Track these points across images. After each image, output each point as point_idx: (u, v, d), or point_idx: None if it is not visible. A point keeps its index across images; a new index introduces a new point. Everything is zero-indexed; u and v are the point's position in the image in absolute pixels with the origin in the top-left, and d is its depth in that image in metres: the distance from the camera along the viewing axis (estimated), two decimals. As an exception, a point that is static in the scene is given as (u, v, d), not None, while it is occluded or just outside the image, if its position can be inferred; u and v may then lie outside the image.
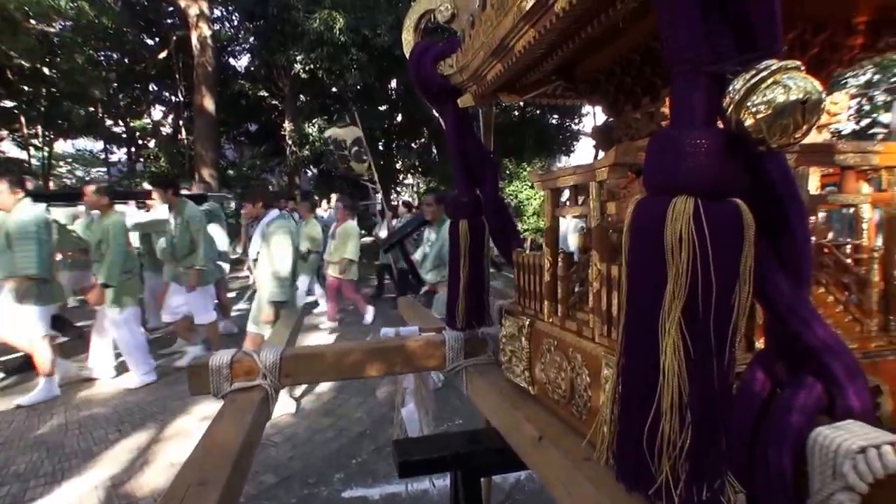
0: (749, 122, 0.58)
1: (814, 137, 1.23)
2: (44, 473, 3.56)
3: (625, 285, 0.74)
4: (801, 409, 0.64)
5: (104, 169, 19.99)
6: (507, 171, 18.62)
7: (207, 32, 14.46)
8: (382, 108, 19.03)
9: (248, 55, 20.22)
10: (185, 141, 18.08)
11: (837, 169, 1.07)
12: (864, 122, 18.95)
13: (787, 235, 0.66)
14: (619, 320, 0.77)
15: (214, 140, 15.74)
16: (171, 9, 17.03)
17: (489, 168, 1.76)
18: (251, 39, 18.25)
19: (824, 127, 1.24)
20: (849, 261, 1.13)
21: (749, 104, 0.58)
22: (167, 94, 20.25)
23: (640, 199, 0.71)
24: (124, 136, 20.25)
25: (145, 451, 3.85)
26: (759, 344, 0.91)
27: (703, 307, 0.62)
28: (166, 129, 20.46)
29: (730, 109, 0.60)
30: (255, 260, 4.79)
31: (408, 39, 1.76)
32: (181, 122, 18.93)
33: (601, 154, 1.48)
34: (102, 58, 17.24)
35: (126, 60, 17.62)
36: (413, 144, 21.36)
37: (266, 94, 19.10)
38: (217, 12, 17.89)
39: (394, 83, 18.19)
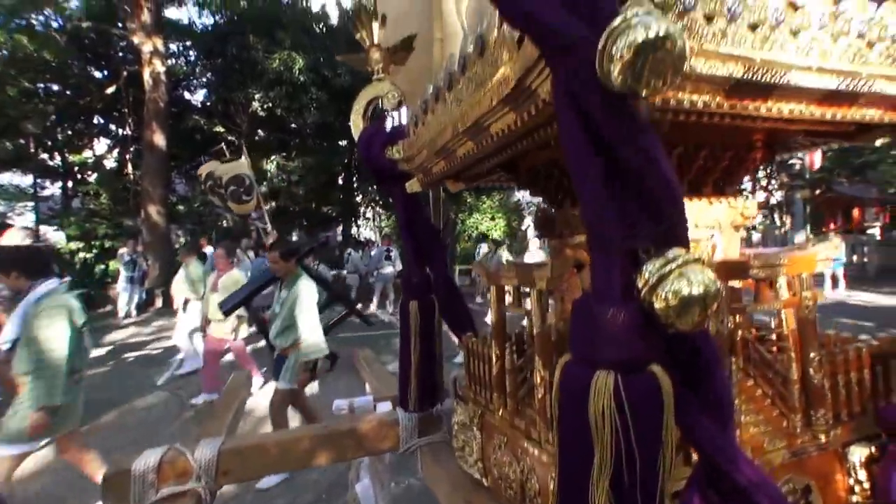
0: (660, 306, 0.64)
1: (731, 235, 1.34)
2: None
3: (557, 436, 0.78)
4: None
5: (31, 203, 18.91)
6: (468, 203, 18.88)
7: (161, 68, 14.26)
8: (343, 143, 19.12)
9: (205, 90, 20.02)
10: (132, 176, 17.52)
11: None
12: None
13: (706, 384, 0.72)
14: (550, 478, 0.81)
15: (164, 175, 15.34)
16: (122, 43, 16.74)
17: (438, 246, 1.81)
18: (208, 75, 18.14)
19: (741, 226, 1.35)
20: (771, 355, 1.22)
21: (660, 290, 0.64)
22: (114, 127, 19.55)
23: (567, 363, 0.76)
24: (60, 170, 19.19)
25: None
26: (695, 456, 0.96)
27: (629, 475, 0.66)
28: (110, 164, 19.73)
29: (644, 290, 0.66)
30: None
31: (356, 123, 1.81)
32: (128, 157, 18.34)
33: (535, 247, 1.55)
34: (41, 90, 16.61)
35: (68, 93, 17.02)
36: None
37: (222, 130, 18.91)
38: (173, 47, 17.72)
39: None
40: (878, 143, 1.36)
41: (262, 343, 6.72)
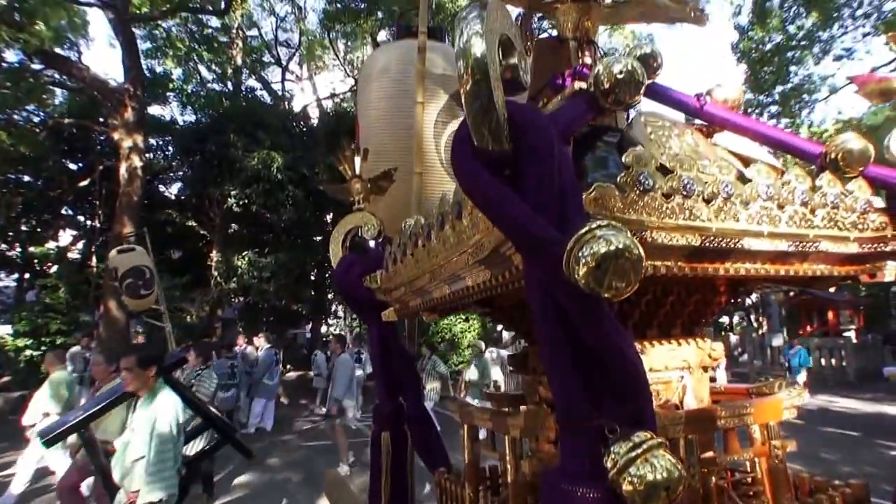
0: (627, 489, 0.66)
1: (700, 375, 1.37)
2: None
3: None
4: None
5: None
6: (441, 305, 18.79)
7: (138, 163, 14.37)
8: (317, 238, 19.23)
9: (180, 184, 20.21)
10: (95, 269, 17.11)
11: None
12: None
13: None
14: None
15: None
16: (101, 137, 17.01)
17: (411, 375, 1.80)
18: (185, 170, 18.39)
19: (708, 367, 1.39)
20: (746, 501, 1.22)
21: (626, 475, 0.66)
22: (82, 218, 19.36)
23: None
24: (18, 261, 18.64)
25: None
26: None
27: None
28: (73, 255, 19.29)
29: (612, 473, 0.67)
30: None
31: (335, 251, 1.85)
32: (93, 249, 18.01)
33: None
34: (12, 180, 16.56)
35: (39, 184, 16.97)
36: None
37: (194, 224, 18.90)
38: (152, 141, 18.08)
39: (329, 216, 18.61)
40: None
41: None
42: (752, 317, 24.22)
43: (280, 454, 8.71)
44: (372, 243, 1.77)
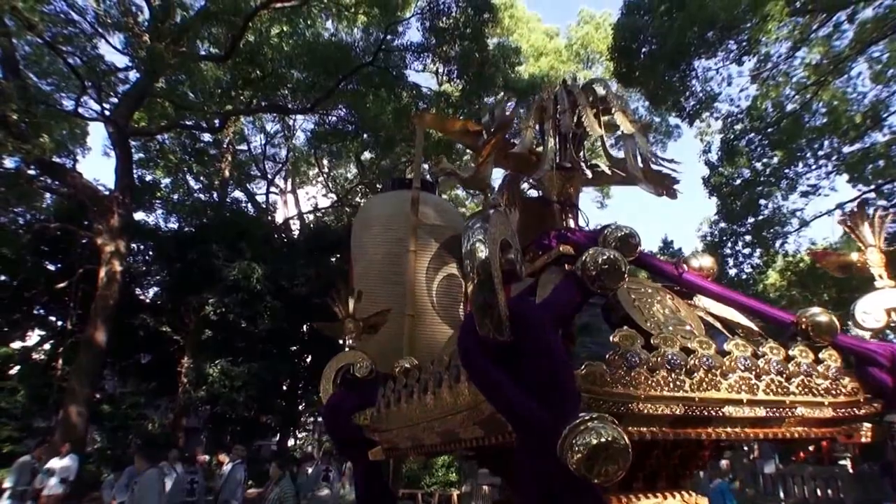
0: (573, 458, 0.69)
1: None
2: None
3: None
4: None
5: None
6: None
7: (118, 268, 14.38)
8: (294, 348, 18.89)
9: (156, 288, 20.04)
10: (59, 372, 16.45)
11: None
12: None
13: None
14: None
15: (95, 373, 14.44)
16: (83, 241, 17.09)
17: (393, 512, 1.75)
18: (164, 276, 18.34)
19: None
20: None
21: (572, 441, 0.72)
22: (52, 319, 18.94)
23: None
24: None
25: None
26: None
27: None
28: (38, 357, 18.61)
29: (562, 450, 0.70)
30: None
31: (326, 388, 1.86)
32: (60, 350, 17.42)
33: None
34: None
35: (14, 283, 16.78)
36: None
37: (167, 329, 18.52)
38: (133, 246, 18.16)
39: (305, 327, 18.45)
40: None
41: None
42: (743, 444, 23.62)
43: None
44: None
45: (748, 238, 18.31)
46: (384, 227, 2.04)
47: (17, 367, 17.51)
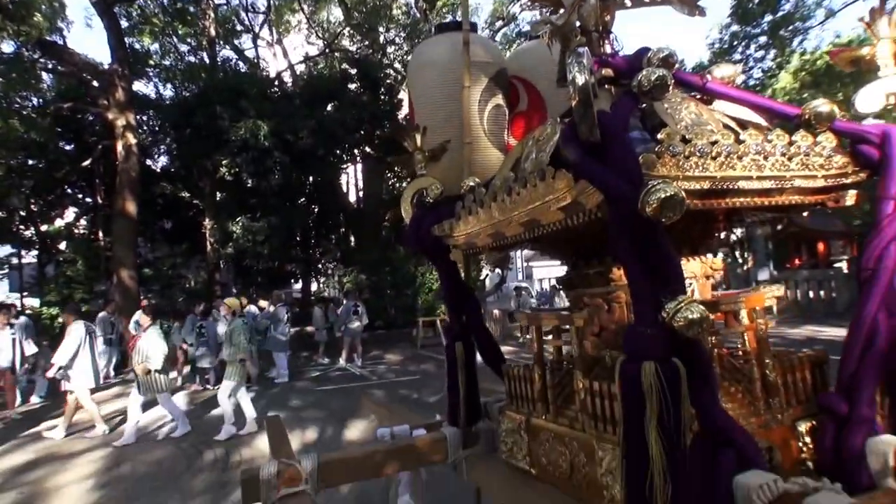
0: (677, 325, 1.13)
1: (704, 283, 1.84)
2: None
3: (621, 405, 1.24)
4: (725, 466, 1.17)
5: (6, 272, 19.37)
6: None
7: (133, 141, 14.69)
8: (302, 201, 19.53)
9: (167, 157, 20.38)
10: (102, 243, 17.60)
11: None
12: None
13: (702, 371, 1.20)
14: (618, 427, 1.27)
15: (133, 241, 15.52)
16: (90, 118, 17.15)
17: (472, 301, 2.28)
18: (171, 142, 18.50)
19: (710, 277, 1.86)
20: (739, 365, 1.72)
21: (678, 317, 1.13)
22: (81, 196, 20.09)
23: (623, 361, 1.24)
24: (35, 240, 19.89)
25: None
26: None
27: (666, 418, 1.14)
28: (79, 232, 19.91)
29: (668, 318, 1.14)
30: None
31: (406, 209, 2.29)
32: (98, 225, 18.54)
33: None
34: (26, 167, 17.32)
35: (42, 167, 17.58)
36: (332, 236, 21.89)
37: (186, 195, 19.19)
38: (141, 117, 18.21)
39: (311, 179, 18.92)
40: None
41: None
42: (738, 252, 24.65)
43: (300, 397, 9.49)
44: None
45: (762, 40, 17.56)
46: (442, 68, 2.29)
47: (64, 243, 19.02)
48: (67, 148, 18.26)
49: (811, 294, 17.29)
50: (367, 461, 2.06)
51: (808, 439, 1.55)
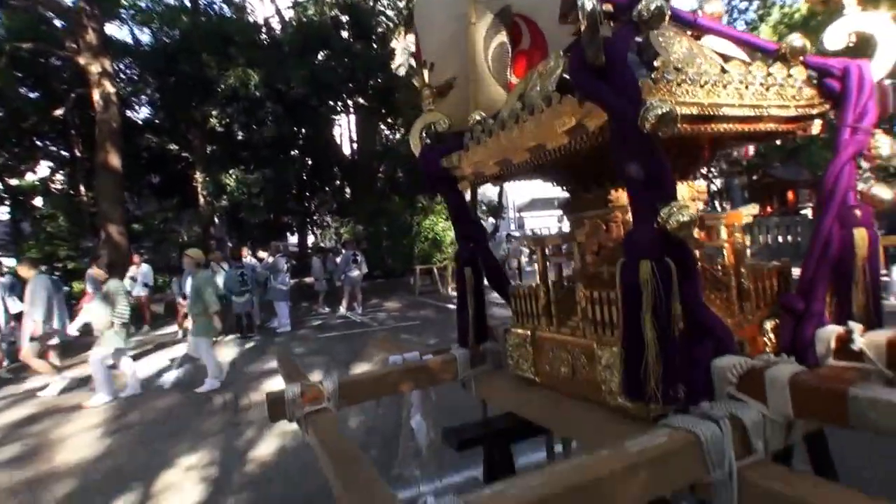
0: (671, 227, 1.33)
1: (690, 204, 2.05)
2: None
3: (620, 300, 1.46)
4: (705, 351, 1.40)
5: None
6: (421, 206, 19.43)
7: (111, 89, 14.16)
8: (294, 153, 19.37)
9: (150, 108, 19.76)
10: (85, 198, 17.21)
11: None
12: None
13: (689, 269, 1.41)
14: (619, 317, 1.49)
15: (120, 196, 15.26)
16: (58, 63, 16.29)
17: (480, 229, 2.47)
18: (152, 92, 17.99)
19: (696, 199, 2.07)
20: (719, 273, 1.95)
21: (671, 220, 1.33)
22: (55, 149, 19.09)
23: (623, 262, 1.44)
24: (4, 195, 18.66)
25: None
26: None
27: (659, 308, 1.36)
28: (56, 187, 19.22)
29: (662, 221, 1.34)
30: None
31: (415, 143, 2.45)
32: (78, 179, 17.96)
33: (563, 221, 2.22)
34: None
35: (2, 116, 16.42)
36: (327, 188, 21.81)
37: (175, 147, 18.74)
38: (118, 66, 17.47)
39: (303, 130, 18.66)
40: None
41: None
42: (717, 202, 25.36)
43: (304, 345, 9.80)
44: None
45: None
46: (448, 4, 2.41)
47: (40, 199, 18.29)
48: (32, 95, 17.07)
49: (780, 238, 18.62)
50: (383, 380, 2.28)
51: (772, 336, 1.80)
